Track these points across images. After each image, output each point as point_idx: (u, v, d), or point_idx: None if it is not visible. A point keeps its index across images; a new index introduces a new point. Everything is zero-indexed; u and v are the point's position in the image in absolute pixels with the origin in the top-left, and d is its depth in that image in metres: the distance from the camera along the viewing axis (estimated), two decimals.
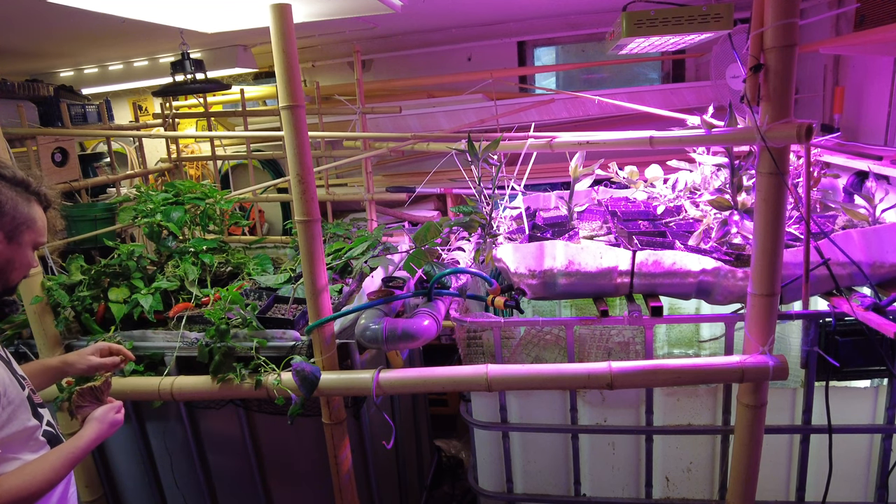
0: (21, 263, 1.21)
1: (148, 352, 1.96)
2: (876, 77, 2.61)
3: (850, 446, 1.74)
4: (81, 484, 2.07)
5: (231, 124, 4.78)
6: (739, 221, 1.88)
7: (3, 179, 1.15)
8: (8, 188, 1.14)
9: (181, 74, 2.93)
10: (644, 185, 2.50)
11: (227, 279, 2.46)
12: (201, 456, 2.11)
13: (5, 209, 1.13)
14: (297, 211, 1.70)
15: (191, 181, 2.56)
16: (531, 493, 1.97)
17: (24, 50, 3.06)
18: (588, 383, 1.56)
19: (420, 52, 4.20)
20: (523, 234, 2.06)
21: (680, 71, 4.08)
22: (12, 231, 1.15)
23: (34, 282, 1.87)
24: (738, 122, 1.71)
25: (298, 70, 1.60)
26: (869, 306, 1.58)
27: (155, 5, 1.82)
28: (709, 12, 1.93)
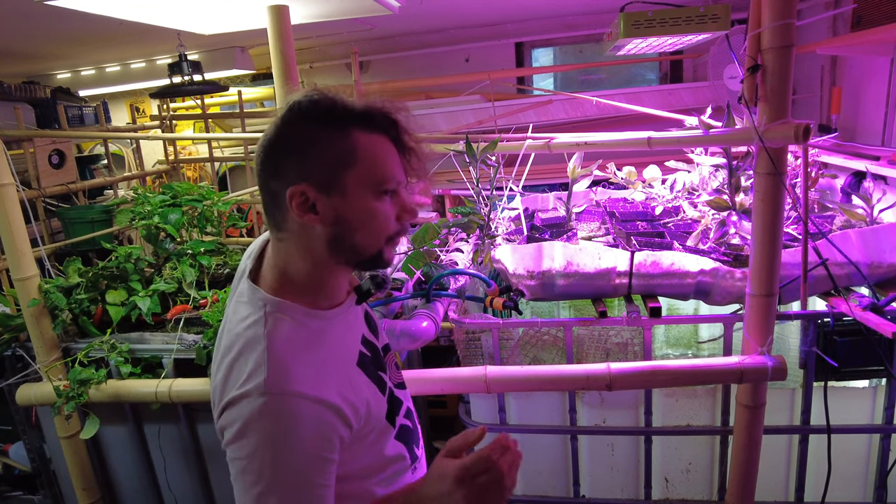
0: (365, 217, 0.85)
1: (146, 354, 1.96)
2: (873, 77, 2.62)
3: (848, 446, 1.73)
4: (79, 487, 2.07)
5: (228, 126, 4.78)
6: (737, 222, 1.88)
7: (306, 114, 0.83)
8: (304, 125, 0.83)
9: (178, 76, 2.93)
10: (642, 185, 2.50)
11: (224, 281, 2.45)
12: (199, 459, 2.11)
13: (309, 154, 0.82)
14: None
15: (188, 183, 2.56)
16: (530, 495, 1.96)
17: (21, 52, 3.05)
18: (587, 384, 1.55)
19: (418, 54, 4.21)
20: (522, 235, 2.06)
21: (677, 72, 4.09)
22: (327, 179, 0.83)
23: (31, 284, 1.87)
24: (735, 123, 1.71)
25: (296, 71, 1.60)
26: (867, 306, 1.58)
27: (152, 7, 1.81)
28: (706, 13, 1.93)
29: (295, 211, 0.82)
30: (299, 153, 0.82)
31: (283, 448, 0.79)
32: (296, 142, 0.82)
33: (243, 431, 0.79)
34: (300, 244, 0.86)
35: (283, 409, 0.79)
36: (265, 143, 0.84)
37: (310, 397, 0.81)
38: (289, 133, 0.83)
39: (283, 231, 0.86)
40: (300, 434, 0.79)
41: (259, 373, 0.80)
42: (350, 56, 3.22)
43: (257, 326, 0.84)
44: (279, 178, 0.83)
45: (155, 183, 4.07)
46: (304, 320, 0.87)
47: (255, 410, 0.78)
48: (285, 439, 0.79)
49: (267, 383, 0.79)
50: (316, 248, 0.86)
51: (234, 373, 0.82)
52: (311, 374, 0.82)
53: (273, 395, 0.79)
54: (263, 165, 0.85)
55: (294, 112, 0.83)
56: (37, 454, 2.19)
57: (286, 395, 0.79)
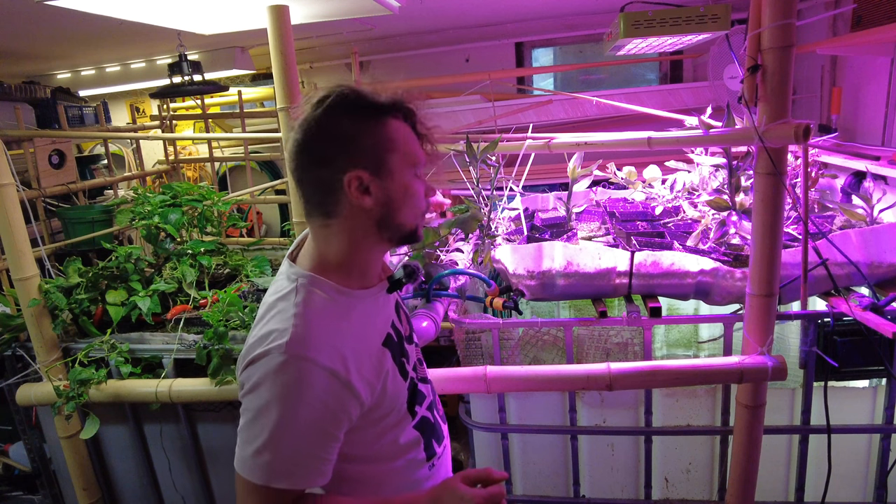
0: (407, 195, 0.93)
1: (146, 354, 1.96)
2: (873, 77, 2.62)
3: (848, 446, 1.74)
4: (79, 487, 2.07)
5: (229, 126, 4.78)
6: (737, 222, 1.88)
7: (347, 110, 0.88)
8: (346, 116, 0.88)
9: (179, 76, 2.93)
10: (642, 185, 2.50)
11: (224, 281, 2.45)
12: (199, 458, 2.11)
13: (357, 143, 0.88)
14: (295, 212, 1.69)
15: (188, 183, 2.56)
16: (530, 495, 1.96)
17: (21, 52, 3.05)
18: (587, 384, 1.55)
19: (418, 54, 4.21)
20: (522, 235, 2.06)
21: (678, 72, 4.09)
22: (376, 164, 0.89)
23: (31, 284, 1.87)
24: (735, 123, 1.71)
25: (296, 71, 1.60)
26: (867, 306, 1.58)
27: (152, 7, 1.81)
28: (706, 13, 1.93)
29: (353, 194, 0.88)
30: (348, 142, 0.88)
31: (290, 410, 0.84)
32: (342, 132, 0.88)
33: (258, 385, 0.85)
34: (349, 226, 0.92)
35: (297, 372, 0.84)
36: (307, 137, 0.88)
37: (325, 367, 0.85)
38: (333, 125, 0.88)
39: (332, 217, 0.91)
40: (308, 400, 0.84)
41: (283, 335, 0.85)
42: (350, 56, 3.22)
43: (289, 296, 0.90)
44: (331, 166, 0.88)
45: (155, 183, 4.07)
46: (333, 295, 0.92)
47: (273, 368, 0.84)
48: (293, 402, 0.84)
49: (288, 345, 0.84)
50: (366, 228, 0.92)
51: (262, 334, 0.87)
52: (330, 345, 0.87)
53: (291, 356, 0.84)
54: (309, 157, 0.89)
55: (332, 106, 0.87)
56: (37, 454, 2.19)
57: (303, 360, 0.84)
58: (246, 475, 0.88)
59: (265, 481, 0.86)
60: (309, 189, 0.91)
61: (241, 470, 0.88)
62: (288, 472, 0.87)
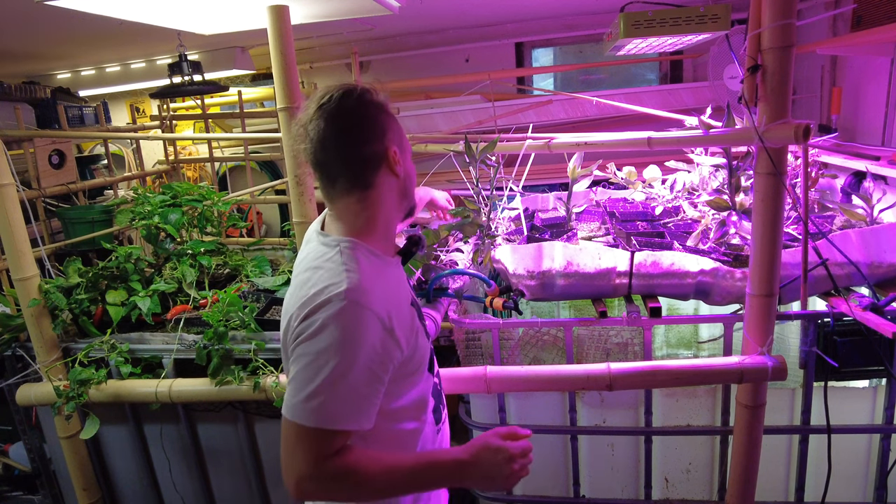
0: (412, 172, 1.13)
1: (146, 354, 1.96)
2: (873, 77, 2.62)
3: (848, 446, 1.74)
4: (79, 487, 2.07)
5: (229, 126, 4.78)
6: (737, 222, 1.88)
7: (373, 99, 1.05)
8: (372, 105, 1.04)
9: (179, 76, 2.93)
10: (642, 185, 2.50)
11: (224, 281, 2.45)
12: (199, 459, 2.11)
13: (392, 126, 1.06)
14: (295, 212, 1.69)
15: (188, 183, 2.56)
16: (530, 495, 1.96)
17: (21, 52, 3.06)
18: (587, 384, 1.55)
19: (418, 54, 4.21)
20: (522, 236, 2.06)
21: (678, 72, 4.09)
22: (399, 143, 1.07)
23: (31, 284, 1.87)
24: (735, 123, 1.71)
25: (296, 71, 1.60)
26: (867, 306, 1.58)
27: (152, 7, 1.81)
28: (706, 13, 1.93)
29: (390, 166, 1.04)
30: (383, 124, 1.04)
31: (349, 351, 0.91)
32: (377, 117, 1.03)
33: (321, 329, 0.92)
34: (381, 194, 1.05)
35: (356, 317, 0.92)
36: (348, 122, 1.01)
37: (376, 314, 0.94)
38: (369, 111, 1.03)
39: (369, 188, 1.04)
40: (364, 344, 0.92)
41: (339, 285, 0.94)
42: (350, 56, 3.22)
43: (333, 257, 1.00)
44: (375, 143, 1.03)
45: (155, 183, 4.07)
46: (371, 257, 1.03)
47: (334, 313, 0.92)
48: (353, 345, 0.92)
49: (347, 293, 0.93)
50: (392, 196, 1.08)
51: (316, 287, 0.96)
52: (378, 296, 0.96)
53: (350, 302, 0.93)
54: (353, 138, 1.01)
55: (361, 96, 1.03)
56: (37, 454, 2.19)
57: (360, 306, 0.93)
58: (299, 420, 0.91)
59: (318, 423, 0.90)
60: (350, 167, 1.03)
61: (293, 416, 0.92)
62: (340, 413, 0.91)
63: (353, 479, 0.93)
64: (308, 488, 0.92)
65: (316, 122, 1.01)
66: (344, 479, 0.93)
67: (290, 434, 0.92)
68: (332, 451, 0.92)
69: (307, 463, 0.91)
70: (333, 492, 0.94)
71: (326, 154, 1.02)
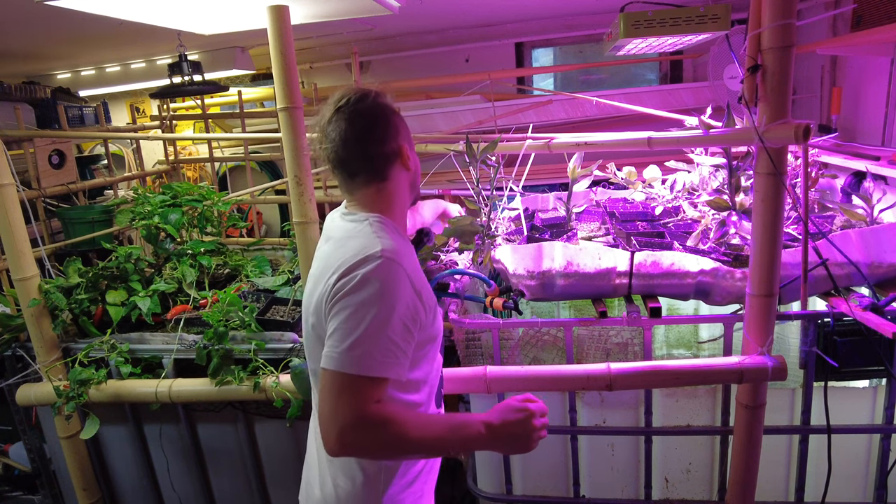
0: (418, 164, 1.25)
1: (146, 354, 1.96)
2: (873, 77, 2.62)
3: (848, 446, 1.74)
4: (79, 487, 2.07)
5: (229, 126, 4.78)
6: (738, 222, 1.88)
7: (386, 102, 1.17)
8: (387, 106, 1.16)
9: (179, 76, 2.93)
10: (642, 185, 2.50)
11: (224, 281, 2.45)
12: (199, 459, 2.11)
13: (402, 126, 1.18)
14: (295, 212, 1.69)
15: (188, 183, 2.56)
16: (530, 495, 1.96)
17: (21, 52, 3.06)
18: (587, 384, 1.55)
19: (418, 54, 4.21)
20: (522, 236, 2.06)
21: (678, 72, 4.09)
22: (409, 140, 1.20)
23: (31, 285, 1.87)
24: (735, 123, 1.71)
25: (296, 72, 1.60)
26: (867, 306, 1.58)
27: (152, 7, 1.81)
28: (706, 13, 1.93)
29: (404, 161, 1.17)
30: (394, 124, 1.15)
31: (387, 304, 1.00)
32: (391, 117, 1.15)
33: (362, 284, 1.00)
34: (395, 185, 1.17)
35: (392, 272, 1.02)
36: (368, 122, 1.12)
37: (408, 274, 1.04)
38: (384, 112, 1.14)
39: (385, 180, 1.16)
40: (400, 297, 1.01)
41: (374, 246, 1.04)
42: (350, 56, 3.22)
43: (364, 228, 1.11)
44: (391, 141, 1.14)
45: (155, 183, 4.07)
46: (395, 231, 1.14)
47: (373, 269, 1.01)
48: (390, 298, 1.00)
49: (382, 252, 1.03)
50: (404, 187, 1.20)
51: (353, 251, 1.05)
52: (407, 260, 1.06)
53: (386, 259, 1.02)
54: (373, 136, 1.13)
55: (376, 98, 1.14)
56: (37, 454, 2.19)
57: (395, 263, 1.03)
58: (344, 368, 0.97)
59: (361, 370, 0.97)
60: (369, 164, 1.14)
61: (337, 366, 0.98)
62: (381, 361, 0.98)
63: (393, 429, 0.97)
64: (350, 438, 0.96)
65: (335, 124, 1.12)
66: (384, 426, 0.97)
67: (334, 384, 0.97)
68: (373, 399, 0.98)
69: (351, 410, 0.96)
70: (373, 442, 0.98)
71: (347, 153, 1.12)
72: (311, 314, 1.11)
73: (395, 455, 1.04)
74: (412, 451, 1.03)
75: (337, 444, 0.96)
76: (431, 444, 1.03)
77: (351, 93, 1.13)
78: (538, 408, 1.10)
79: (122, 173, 3.78)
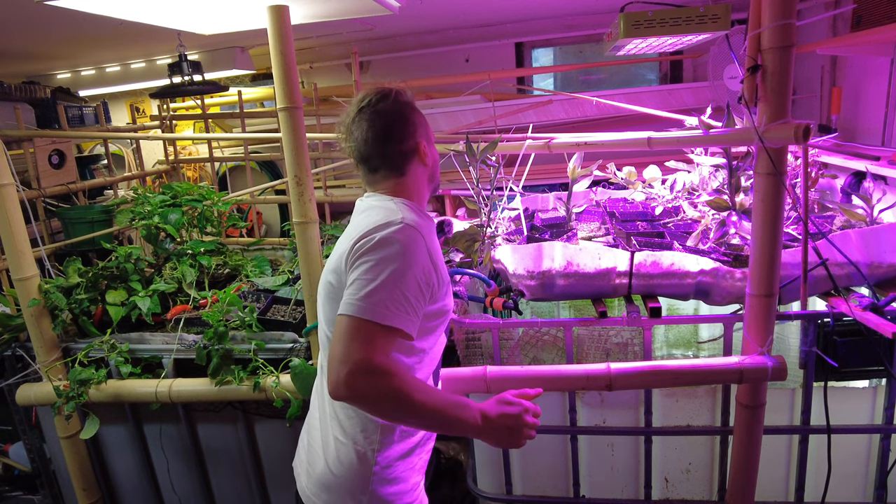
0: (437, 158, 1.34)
1: (146, 354, 1.96)
2: (873, 77, 2.62)
3: (848, 446, 1.74)
4: (79, 487, 2.07)
5: (228, 126, 4.78)
6: (737, 222, 1.88)
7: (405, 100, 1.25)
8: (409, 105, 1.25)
9: (178, 76, 2.92)
10: (642, 185, 2.50)
11: (224, 281, 2.45)
12: (199, 459, 2.11)
13: (421, 122, 1.27)
14: (295, 212, 1.69)
15: (188, 183, 2.55)
16: (530, 495, 1.96)
17: (21, 52, 3.05)
18: (587, 384, 1.55)
19: (418, 54, 4.20)
20: (522, 236, 2.06)
21: (678, 72, 4.08)
22: (427, 137, 1.28)
23: (31, 284, 1.87)
24: (735, 123, 1.71)
25: (296, 72, 1.60)
26: (867, 306, 1.58)
27: (152, 7, 1.81)
28: (706, 13, 1.93)
29: (421, 157, 1.25)
30: (416, 122, 1.24)
31: (405, 261, 1.07)
32: (412, 115, 1.24)
33: (383, 243, 1.09)
34: (414, 179, 1.26)
35: (412, 235, 1.10)
36: (390, 121, 1.21)
37: (425, 242, 1.13)
38: (405, 111, 1.23)
39: (404, 175, 1.24)
40: (417, 258, 1.09)
41: (397, 215, 1.14)
42: (350, 56, 3.22)
43: (390, 203, 1.20)
44: (411, 139, 1.23)
45: (155, 183, 4.07)
46: (418, 211, 1.22)
47: (394, 231, 1.10)
48: (408, 256, 1.08)
49: (402, 220, 1.12)
50: (422, 181, 1.28)
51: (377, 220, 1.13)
52: (426, 232, 1.15)
53: (406, 225, 1.11)
54: (394, 133, 1.21)
55: (398, 97, 1.23)
56: (37, 454, 2.19)
57: (414, 230, 1.12)
58: (360, 314, 1.03)
59: (375, 318, 1.03)
60: (389, 160, 1.23)
61: (351, 311, 1.04)
62: (395, 313, 1.04)
63: (397, 383, 1.01)
64: (356, 381, 0.99)
65: (358, 123, 1.21)
66: (390, 377, 1.00)
67: (349, 329, 1.03)
68: (384, 348, 1.03)
69: (362, 354, 1.00)
70: (377, 390, 1.00)
71: (368, 151, 1.22)
72: (330, 272, 1.18)
73: (394, 411, 1.05)
74: (410, 412, 1.04)
75: (343, 386, 0.99)
76: (429, 411, 1.05)
77: (373, 93, 1.22)
78: (531, 406, 1.16)
79: (122, 173, 3.78)
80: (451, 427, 1.11)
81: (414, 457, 1.25)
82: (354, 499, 1.18)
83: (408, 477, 1.24)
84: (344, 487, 1.18)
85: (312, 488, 1.23)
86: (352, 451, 1.18)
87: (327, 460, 1.20)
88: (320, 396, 1.27)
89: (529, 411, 1.15)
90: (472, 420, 1.10)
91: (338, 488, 1.19)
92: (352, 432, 1.18)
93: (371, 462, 1.17)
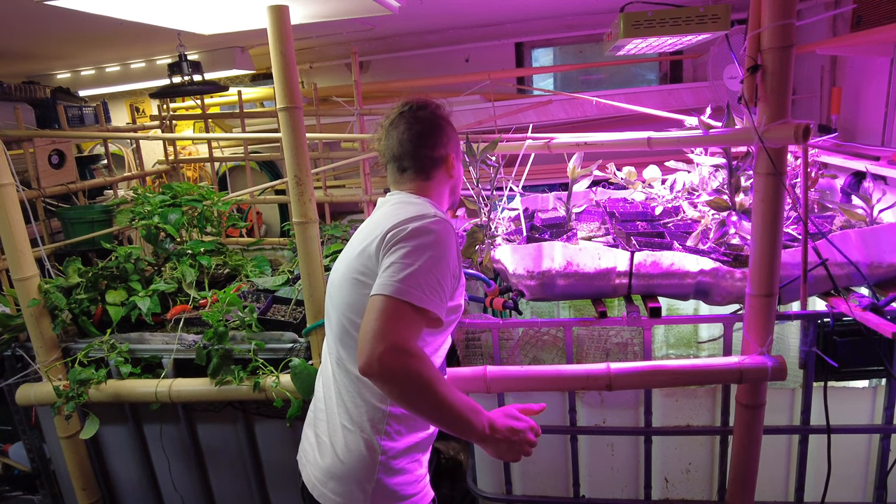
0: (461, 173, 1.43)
1: (146, 354, 1.96)
2: (873, 78, 2.62)
3: (848, 446, 1.74)
4: (79, 487, 2.07)
5: (228, 126, 4.77)
6: (737, 222, 1.88)
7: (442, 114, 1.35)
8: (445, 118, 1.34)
9: (178, 76, 2.92)
10: (642, 185, 2.50)
11: (224, 281, 2.45)
12: (199, 459, 2.11)
13: (454, 138, 1.36)
14: (294, 212, 1.69)
15: (188, 183, 2.55)
16: (530, 495, 1.96)
17: (21, 52, 3.05)
18: (587, 384, 1.55)
19: (418, 54, 4.20)
20: (521, 236, 2.06)
21: (677, 72, 4.08)
22: (456, 150, 1.37)
23: (31, 285, 1.87)
24: (735, 123, 1.71)
25: (296, 71, 1.60)
26: (867, 306, 1.58)
27: (152, 7, 1.81)
28: (706, 13, 1.93)
29: (448, 168, 1.34)
30: (447, 134, 1.33)
31: (440, 249, 1.13)
32: (444, 127, 1.33)
33: (420, 231, 1.14)
34: (437, 186, 1.34)
35: (446, 229, 1.17)
36: (426, 128, 1.30)
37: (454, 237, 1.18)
38: (439, 122, 1.32)
39: (429, 180, 1.32)
40: (450, 249, 1.16)
41: (429, 209, 1.21)
42: (350, 56, 3.22)
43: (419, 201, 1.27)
44: (440, 148, 1.32)
45: (155, 183, 4.06)
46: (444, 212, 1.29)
47: (430, 222, 1.16)
48: (442, 245, 1.14)
49: (435, 213, 1.19)
50: (445, 190, 1.37)
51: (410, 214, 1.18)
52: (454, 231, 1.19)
53: (441, 219, 1.18)
54: (427, 141, 1.30)
55: (437, 111, 1.33)
56: (37, 454, 2.19)
57: (447, 223, 1.18)
58: (398, 295, 1.07)
59: (412, 299, 1.07)
60: (418, 162, 1.30)
61: (390, 292, 1.07)
62: (430, 297, 1.09)
63: (426, 369, 1.04)
64: (392, 361, 1.01)
65: (396, 125, 1.30)
66: (421, 361, 1.04)
67: (385, 309, 1.06)
68: (417, 332, 1.09)
69: (397, 333, 1.03)
70: (406, 371, 1.02)
71: (402, 150, 1.30)
72: (354, 258, 1.22)
73: (417, 396, 1.05)
74: (431, 400, 1.06)
75: (377, 362, 1.01)
76: (447, 406, 1.07)
77: (415, 101, 1.33)
78: (535, 425, 1.20)
79: (121, 173, 3.78)
80: (460, 428, 1.11)
81: (419, 452, 1.28)
82: (361, 488, 1.20)
83: (413, 469, 1.26)
84: (351, 475, 1.21)
85: (321, 477, 1.25)
86: (359, 438, 1.20)
87: (336, 448, 1.23)
88: (326, 386, 1.30)
89: (533, 430, 1.18)
90: (480, 426, 1.12)
91: (345, 476, 1.21)
92: (358, 420, 1.21)
93: (378, 451, 1.20)
